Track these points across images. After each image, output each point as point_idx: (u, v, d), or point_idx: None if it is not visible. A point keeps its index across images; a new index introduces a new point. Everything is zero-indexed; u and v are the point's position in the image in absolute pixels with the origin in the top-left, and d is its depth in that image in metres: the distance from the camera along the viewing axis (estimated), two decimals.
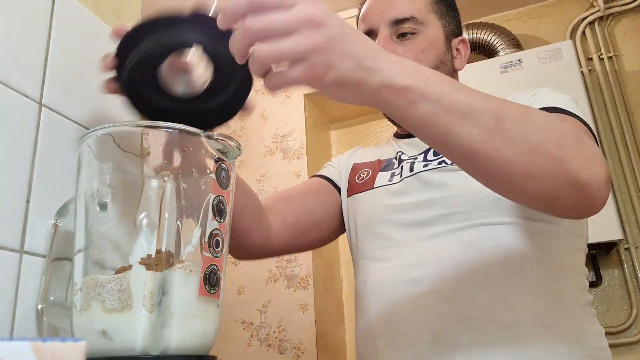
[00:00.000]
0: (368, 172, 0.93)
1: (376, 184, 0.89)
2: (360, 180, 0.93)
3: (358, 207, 0.90)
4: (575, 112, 0.72)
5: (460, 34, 0.93)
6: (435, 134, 0.49)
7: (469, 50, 0.92)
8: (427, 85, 0.47)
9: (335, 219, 0.95)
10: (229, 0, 0.44)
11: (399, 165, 0.88)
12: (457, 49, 0.91)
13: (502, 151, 0.49)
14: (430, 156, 0.85)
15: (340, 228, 0.97)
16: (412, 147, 0.89)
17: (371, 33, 0.87)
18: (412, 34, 0.84)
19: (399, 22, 0.84)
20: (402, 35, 0.85)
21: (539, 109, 0.72)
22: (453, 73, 0.90)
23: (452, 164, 0.79)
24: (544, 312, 0.71)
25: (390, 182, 0.87)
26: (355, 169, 0.97)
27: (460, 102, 0.48)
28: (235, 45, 0.44)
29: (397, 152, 0.91)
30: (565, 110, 0.72)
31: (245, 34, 0.43)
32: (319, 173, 1.00)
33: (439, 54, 0.86)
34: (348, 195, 0.94)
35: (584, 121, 0.72)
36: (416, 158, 0.86)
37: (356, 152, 1.03)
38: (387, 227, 0.83)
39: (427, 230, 0.78)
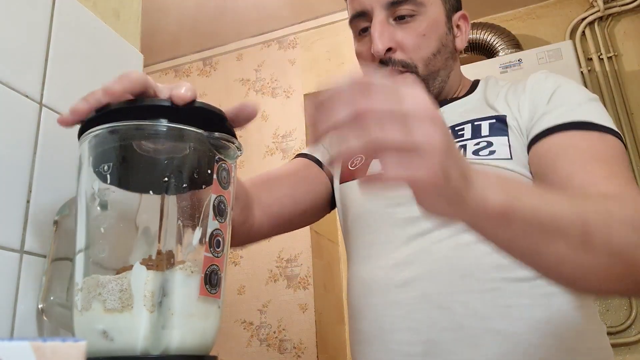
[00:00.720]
0: (361, 158, 0.86)
1: (369, 172, 0.82)
2: (353, 167, 0.87)
3: (349, 197, 0.85)
4: (609, 126, 0.69)
5: (460, 8, 0.85)
6: (523, 250, 0.47)
7: (470, 25, 0.86)
8: (519, 203, 0.43)
9: (320, 205, 0.90)
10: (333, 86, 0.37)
11: None
12: (458, 26, 0.84)
13: (586, 261, 0.48)
14: None
15: (325, 211, 0.92)
16: None
17: (363, 14, 0.79)
18: (411, 16, 0.77)
19: (396, 3, 0.77)
20: (400, 18, 0.78)
21: (569, 122, 0.69)
22: (454, 54, 0.84)
23: (465, 152, 0.75)
24: (543, 318, 0.67)
25: None
26: None
27: (549, 215, 0.46)
28: (335, 120, 0.36)
29: None
30: (600, 125, 0.69)
31: (354, 116, 0.35)
32: (308, 152, 0.94)
33: (440, 36, 0.80)
34: (340, 182, 0.88)
35: (619, 135, 0.69)
36: None
37: None
38: (378, 221, 0.78)
39: (420, 227, 0.73)
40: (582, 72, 2.18)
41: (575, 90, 0.75)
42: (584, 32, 2.31)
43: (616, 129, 0.69)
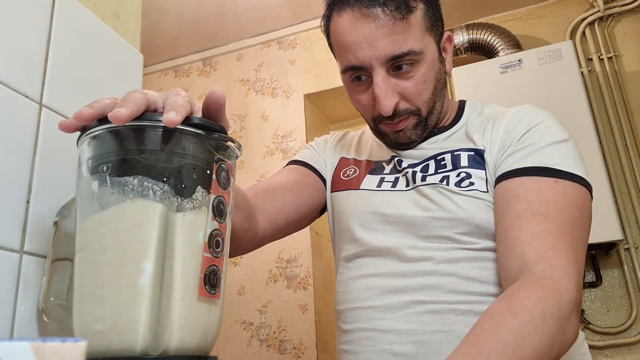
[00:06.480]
0: (355, 170, 0.90)
1: (362, 186, 0.86)
2: (346, 177, 0.90)
3: (341, 207, 0.87)
4: (568, 171, 0.71)
5: (443, 29, 0.83)
6: None
7: (453, 42, 0.85)
8: None
9: (316, 210, 0.93)
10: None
11: (400, 171, 0.84)
12: (444, 49, 0.83)
13: None
14: (430, 169, 0.81)
15: (318, 215, 0.96)
16: (411, 158, 0.85)
17: (361, 69, 0.78)
18: (410, 64, 0.76)
19: (395, 57, 0.75)
20: (398, 68, 0.76)
21: (527, 167, 0.72)
22: (445, 81, 0.84)
23: (448, 183, 0.77)
24: None
25: (379, 189, 0.83)
26: (342, 163, 0.93)
27: None
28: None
29: (392, 156, 0.86)
30: (557, 171, 0.70)
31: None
32: (304, 160, 0.95)
33: (436, 73, 0.80)
34: (332, 191, 0.91)
35: (578, 178, 0.70)
36: (415, 169, 0.82)
37: (341, 142, 0.98)
38: (370, 234, 0.81)
39: (411, 245, 0.77)
40: (582, 72, 2.19)
41: (548, 130, 0.76)
42: (584, 32, 2.31)
43: (577, 173, 0.71)
